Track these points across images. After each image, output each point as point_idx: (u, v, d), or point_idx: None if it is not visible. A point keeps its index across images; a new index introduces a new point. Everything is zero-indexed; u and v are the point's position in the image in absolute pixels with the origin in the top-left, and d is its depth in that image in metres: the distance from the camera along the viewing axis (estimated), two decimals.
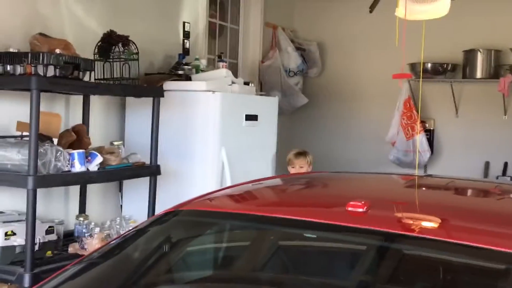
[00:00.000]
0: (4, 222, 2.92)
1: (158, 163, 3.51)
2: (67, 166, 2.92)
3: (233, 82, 4.08)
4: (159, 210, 3.46)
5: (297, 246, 1.85)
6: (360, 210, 1.54)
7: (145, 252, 1.97)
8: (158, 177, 3.54)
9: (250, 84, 4.31)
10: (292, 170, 4.16)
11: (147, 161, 3.48)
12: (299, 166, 4.15)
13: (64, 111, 3.55)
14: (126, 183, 3.98)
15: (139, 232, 2.03)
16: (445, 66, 5.35)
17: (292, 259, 1.83)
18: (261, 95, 4.54)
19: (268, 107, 4.33)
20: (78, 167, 2.95)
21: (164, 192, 3.61)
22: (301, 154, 4.25)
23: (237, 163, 3.86)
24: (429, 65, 5.27)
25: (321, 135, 5.89)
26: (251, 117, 4.08)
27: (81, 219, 3.33)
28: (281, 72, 5.49)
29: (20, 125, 3.11)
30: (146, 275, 1.92)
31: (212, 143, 3.80)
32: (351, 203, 1.56)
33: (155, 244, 1.98)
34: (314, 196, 1.98)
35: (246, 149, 4.05)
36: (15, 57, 2.89)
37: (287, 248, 1.86)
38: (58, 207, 3.57)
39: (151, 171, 3.44)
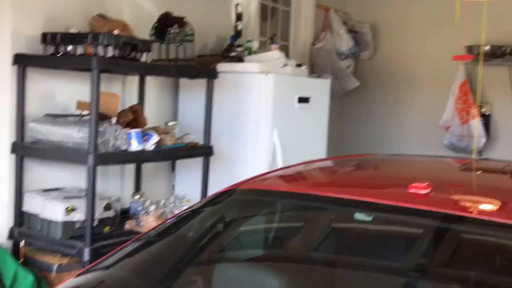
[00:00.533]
0: (64, 198, 3.02)
1: (211, 144, 3.55)
2: (125, 144, 2.99)
3: (285, 64, 4.06)
4: (211, 190, 3.51)
5: (357, 228, 1.84)
6: (424, 191, 1.52)
7: (203, 230, 2.00)
8: (210, 158, 3.58)
9: (302, 66, 4.28)
10: None
11: (200, 142, 3.53)
12: None
13: (120, 92, 3.63)
14: (179, 163, 4.05)
15: (198, 210, 2.07)
16: (503, 49, 5.17)
17: (351, 240, 1.83)
18: (313, 77, 4.50)
19: (320, 90, 4.29)
20: (135, 146, 3.02)
21: (215, 173, 3.65)
22: None
23: (289, 145, 3.86)
24: (487, 47, 5.11)
25: (372, 118, 5.81)
26: (303, 100, 4.06)
27: (137, 197, 3.41)
28: (332, 55, 5.43)
29: (80, 104, 3.20)
30: (203, 253, 1.95)
31: (264, 125, 3.81)
32: (414, 184, 1.54)
33: (212, 223, 2.01)
34: (373, 177, 1.96)
35: (297, 132, 4.04)
36: (76, 38, 2.96)
37: (346, 229, 1.86)
38: (114, 185, 3.67)
39: (204, 151, 3.49)
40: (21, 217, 3.09)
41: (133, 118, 3.21)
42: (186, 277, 1.84)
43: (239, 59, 4.06)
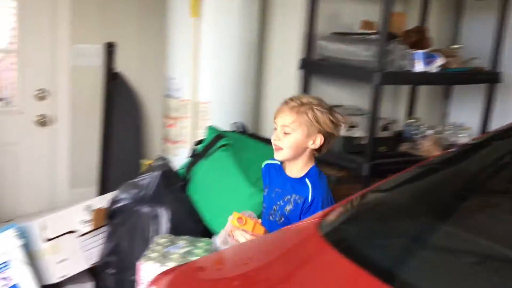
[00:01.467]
0: (347, 115, 3.13)
1: (500, 70, 3.28)
2: (409, 65, 2.94)
3: None
4: (494, 123, 3.27)
5: None
6: None
7: (499, 160, 1.87)
8: (496, 86, 3.32)
9: None
10: (273, 135, 2.03)
11: (486, 68, 3.28)
12: (281, 129, 1.99)
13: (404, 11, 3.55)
14: (456, 90, 3.86)
15: (496, 137, 1.95)
16: None
17: None
18: None
19: None
20: (419, 67, 2.94)
21: (497, 103, 3.37)
22: (293, 104, 2.00)
23: None
24: None
25: None
26: None
27: (413, 120, 3.37)
28: None
29: (365, 24, 3.23)
30: (494, 186, 1.83)
31: None
32: None
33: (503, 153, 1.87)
34: None
35: None
36: None
37: None
38: (387, 106, 3.68)
39: (490, 77, 3.24)
40: None
41: (418, 38, 3.12)
42: (472, 209, 1.76)
43: None
